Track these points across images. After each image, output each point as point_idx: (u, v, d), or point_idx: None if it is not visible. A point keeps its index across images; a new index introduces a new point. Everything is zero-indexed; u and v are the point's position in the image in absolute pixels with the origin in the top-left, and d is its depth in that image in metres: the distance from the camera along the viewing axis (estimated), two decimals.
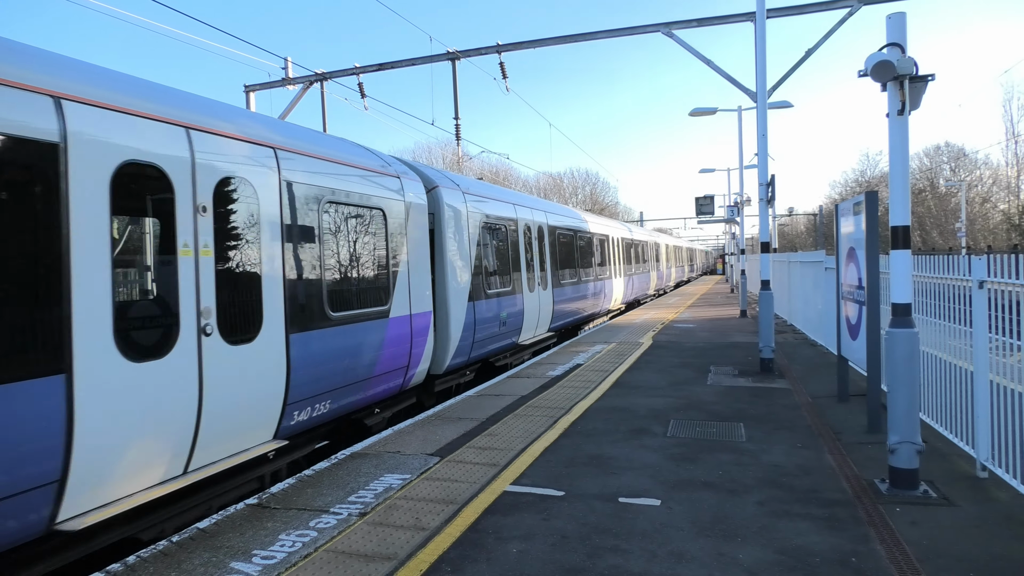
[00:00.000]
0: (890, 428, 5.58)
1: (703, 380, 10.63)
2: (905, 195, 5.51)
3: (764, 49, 11.51)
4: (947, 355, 6.50)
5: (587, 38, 13.76)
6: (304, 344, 6.71)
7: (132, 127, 5.06)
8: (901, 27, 5.40)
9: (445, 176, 11.48)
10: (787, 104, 21.26)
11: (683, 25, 12.59)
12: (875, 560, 4.30)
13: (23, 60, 4.48)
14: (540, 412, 8.64)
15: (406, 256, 8.95)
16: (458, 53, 14.90)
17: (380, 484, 5.98)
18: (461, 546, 4.67)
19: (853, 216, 7.93)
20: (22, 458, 4.11)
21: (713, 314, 23.10)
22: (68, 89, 4.62)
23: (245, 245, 6.14)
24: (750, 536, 4.72)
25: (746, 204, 26.74)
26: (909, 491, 5.44)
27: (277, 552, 4.62)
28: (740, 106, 25.26)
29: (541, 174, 75.53)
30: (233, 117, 6.36)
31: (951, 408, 6.44)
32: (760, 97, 11.63)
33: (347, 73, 15.77)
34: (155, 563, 4.50)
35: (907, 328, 5.56)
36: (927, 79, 5.37)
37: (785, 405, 8.74)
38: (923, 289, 7.10)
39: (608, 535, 4.78)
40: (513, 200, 14.64)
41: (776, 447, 6.84)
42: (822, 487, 5.65)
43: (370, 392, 8.13)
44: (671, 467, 6.28)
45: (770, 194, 12.08)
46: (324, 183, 7.34)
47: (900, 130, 5.48)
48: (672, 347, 14.70)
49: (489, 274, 12.14)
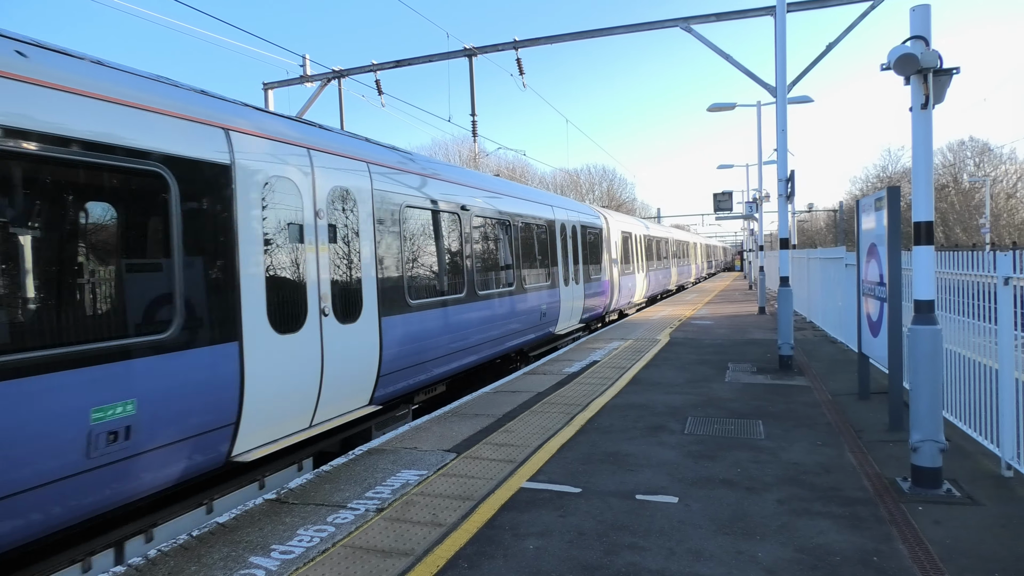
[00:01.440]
0: (912, 426, 5.50)
1: (721, 377, 10.56)
2: (929, 190, 5.43)
3: (784, 43, 11.39)
4: (971, 352, 6.40)
5: (605, 33, 13.70)
6: (392, 326, 8.06)
7: (274, 150, 6.45)
8: (925, 20, 5.31)
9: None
10: (807, 99, 21.01)
11: (702, 20, 12.50)
12: (897, 559, 4.25)
13: (205, 103, 5.83)
14: (557, 409, 8.62)
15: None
16: (475, 49, 14.90)
17: (397, 480, 6.00)
18: (478, 542, 4.67)
19: (875, 212, 7.83)
20: (217, 403, 5.53)
21: (731, 311, 22.94)
22: (233, 123, 6.00)
23: (348, 242, 7.46)
24: (769, 534, 4.67)
25: (765, 200, 26.49)
26: (932, 490, 5.37)
27: (295, 547, 4.65)
28: (759, 101, 25.02)
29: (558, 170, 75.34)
30: (338, 140, 7.76)
31: (975, 406, 6.34)
32: (780, 92, 11.51)
33: (364, 70, 15.83)
34: (176, 557, 4.55)
35: (930, 325, 5.47)
36: (952, 72, 5.28)
37: (805, 402, 8.66)
38: (945, 286, 7.00)
39: (625, 532, 4.76)
40: (551, 202, 15.67)
41: (796, 445, 6.78)
42: (843, 485, 5.59)
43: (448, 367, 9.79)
44: (689, 464, 6.25)
45: (789, 190, 11.96)
46: (403, 191, 8.66)
47: (924, 124, 5.40)
48: (690, 344, 14.62)
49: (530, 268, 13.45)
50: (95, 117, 4.71)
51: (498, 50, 14.84)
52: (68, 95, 4.56)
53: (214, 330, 5.51)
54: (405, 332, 8.31)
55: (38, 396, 4.20)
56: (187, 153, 5.39)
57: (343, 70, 15.93)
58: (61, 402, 4.34)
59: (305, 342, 6.55)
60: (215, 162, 5.67)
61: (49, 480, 4.27)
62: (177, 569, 4.37)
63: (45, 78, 4.43)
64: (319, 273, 6.83)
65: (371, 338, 7.63)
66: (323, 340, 6.81)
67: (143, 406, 4.87)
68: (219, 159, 5.71)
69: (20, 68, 4.28)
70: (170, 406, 5.13)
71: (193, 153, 5.45)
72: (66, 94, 4.55)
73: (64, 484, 4.37)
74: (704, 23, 12.52)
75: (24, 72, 4.30)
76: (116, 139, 4.80)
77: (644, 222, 32.30)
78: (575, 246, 16.66)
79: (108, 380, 4.64)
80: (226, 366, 5.60)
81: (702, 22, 12.51)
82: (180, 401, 5.21)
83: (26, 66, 4.33)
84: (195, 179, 5.44)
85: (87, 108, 4.67)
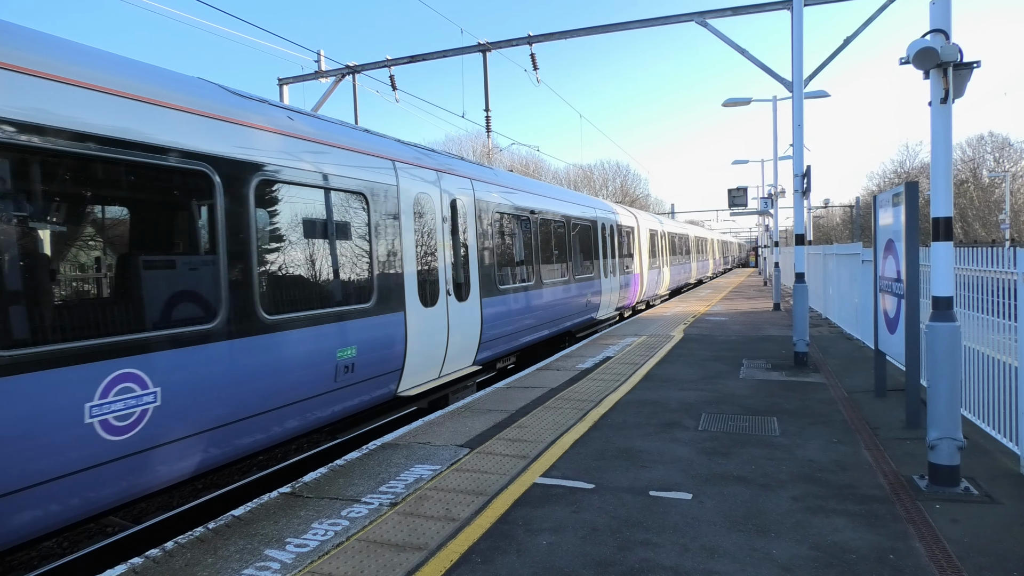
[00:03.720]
0: (930, 424, 5.45)
1: (735, 374, 10.50)
2: (948, 185, 5.36)
3: (801, 37, 11.27)
4: (989, 350, 6.33)
5: (619, 28, 13.62)
6: (488, 305, 10.50)
7: (419, 173, 8.82)
8: (945, 13, 5.23)
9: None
10: (824, 94, 20.81)
11: (718, 14, 12.38)
12: (914, 557, 4.21)
13: (383, 144, 8.35)
14: (570, 405, 8.62)
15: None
16: (489, 45, 14.87)
17: (411, 475, 6.02)
18: (491, 537, 4.68)
19: (892, 207, 7.75)
20: (393, 353, 7.90)
21: (746, 307, 22.81)
22: (398, 156, 8.47)
23: (460, 240, 9.77)
24: (784, 531, 4.65)
25: (780, 196, 26.31)
26: (950, 488, 5.31)
27: (310, 540, 4.68)
28: (775, 96, 24.83)
29: (571, 166, 75.19)
30: (454, 161, 10.44)
31: (994, 404, 6.27)
32: (796, 87, 11.40)
33: (379, 66, 15.84)
34: (192, 549, 4.59)
35: (949, 322, 5.41)
36: (972, 66, 5.20)
37: (820, 399, 8.60)
38: (964, 282, 6.92)
39: (639, 528, 4.76)
40: (592, 204, 18.07)
41: (811, 442, 6.74)
42: (859, 483, 5.55)
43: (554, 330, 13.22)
44: (703, 461, 6.22)
45: (805, 185, 11.85)
46: (493, 200, 11.05)
47: (943, 119, 5.32)
48: (704, 340, 14.55)
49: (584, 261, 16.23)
50: (364, 170, 7.63)
51: (512, 45, 14.79)
52: (347, 153, 7.48)
53: (393, 302, 7.90)
54: (495, 310, 10.74)
55: (313, 339, 6.54)
56: (380, 180, 7.91)
57: (357, 66, 15.95)
58: (324, 344, 6.69)
59: (438, 314, 8.95)
60: (390, 184, 8.07)
61: (319, 392, 6.65)
62: (194, 561, 4.41)
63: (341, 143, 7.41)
64: (445, 263, 9.24)
65: (475, 313, 10.04)
66: (448, 313, 9.20)
67: (360, 352, 7.21)
68: (391, 182, 8.11)
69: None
70: (372, 353, 7.45)
71: (384, 180, 7.96)
72: (346, 152, 7.47)
73: (323, 397, 6.74)
74: (720, 17, 12.40)
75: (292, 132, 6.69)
76: (371, 178, 7.71)
77: (668, 221, 33.04)
78: (612, 243, 18.85)
79: (344, 333, 7.01)
80: (398, 328, 7.98)
81: (718, 16, 12.40)
82: (377, 350, 7.56)
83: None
84: (385, 199, 7.93)
85: (352, 160, 7.45)
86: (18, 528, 4.16)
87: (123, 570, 4.31)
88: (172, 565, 4.37)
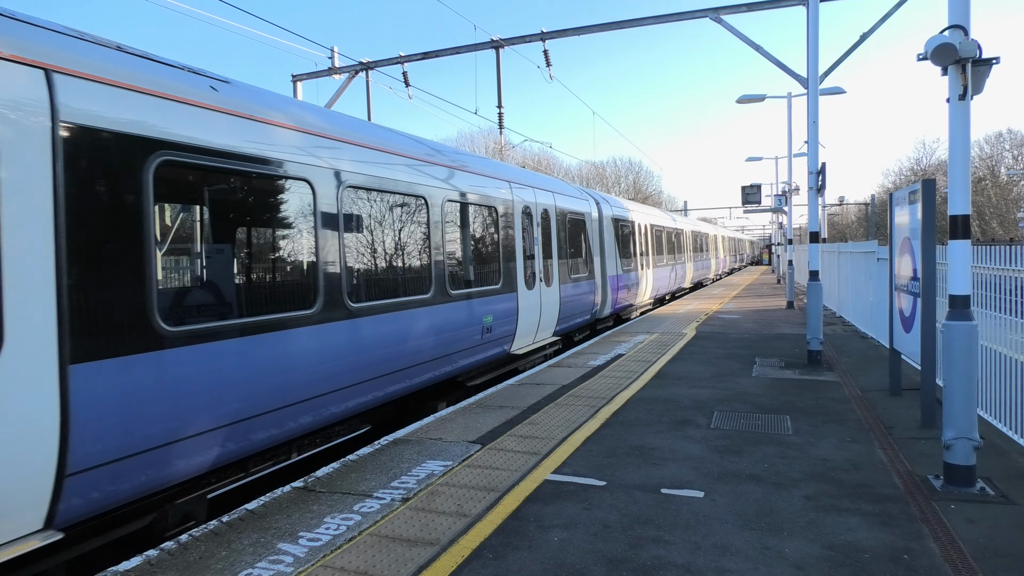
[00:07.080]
0: (945, 423, 5.40)
1: (748, 372, 10.46)
2: (966, 183, 5.29)
3: (816, 33, 11.18)
4: (1007, 349, 6.26)
5: (633, 24, 13.57)
6: (564, 291, 13.54)
7: (524, 192, 11.78)
8: (964, 8, 5.17)
9: (601, 197, 18.15)
10: (839, 90, 20.65)
11: (732, 11, 12.31)
12: (928, 558, 4.18)
13: (501, 167, 11.52)
14: (581, 402, 8.61)
15: (596, 245, 16.42)
16: (502, 41, 14.86)
17: (422, 470, 6.04)
18: (502, 533, 4.69)
19: (908, 205, 7.68)
20: (510, 322, 10.69)
21: (759, 305, 22.68)
22: (512, 179, 11.47)
23: (548, 238, 12.81)
24: (797, 530, 4.63)
25: (795, 193, 26.11)
26: (965, 488, 5.26)
27: (322, 535, 4.71)
28: (790, 92, 24.64)
29: (584, 163, 75.12)
30: (541, 177, 13.85)
31: (1011, 404, 6.20)
32: (811, 83, 11.31)
33: (392, 62, 15.87)
34: (206, 542, 4.63)
35: (966, 321, 5.35)
36: (991, 62, 5.14)
37: (834, 398, 8.54)
38: (980, 281, 6.85)
39: (650, 526, 4.75)
40: (631, 206, 20.97)
41: (824, 441, 6.70)
42: (873, 482, 5.51)
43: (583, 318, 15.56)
44: (715, 459, 6.20)
45: (820, 183, 11.76)
46: (568, 207, 14.27)
47: (961, 116, 5.26)
48: (716, 338, 14.49)
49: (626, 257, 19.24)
50: (496, 189, 10.68)
51: (525, 42, 14.78)
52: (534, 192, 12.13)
53: (511, 286, 10.78)
54: (567, 294, 13.74)
55: (476, 307, 9.54)
56: (502, 196, 10.80)
57: (370, 62, 15.99)
58: (479, 311, 9.61)
59: (535, 295, 11.82)
60: (507, 198, 10.97)
61: (474, 344, 9.52)
62: (208, 554, 4.45)
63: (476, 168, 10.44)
64: (539, 257, 12.16)
65: (557, 296, 13.08)
66: (540, 295, 12.10)
67: (494, 319, 10.06)
68: (508, 197, 11.02)
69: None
70: (500, 320, 10.25)
71: (503, 195, 10.84)
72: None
73: (476, 348, 9.61)
74: (734, 13, 12.32)
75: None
76: (498, 195, 10.71)
77: (670, 214, 32.73)
78: (652, 241, 22.06)
79: (488, 304, 9.89)
80: (512, 303, 10.81)
81: (732, 12, 12.32)
82: (502, 319, 10.36)
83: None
84: (504, 210, 10.82)
85: (487, 184, 10.41)
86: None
87: (139, 562, 4.35)
88: (187, 558, 4.41)
